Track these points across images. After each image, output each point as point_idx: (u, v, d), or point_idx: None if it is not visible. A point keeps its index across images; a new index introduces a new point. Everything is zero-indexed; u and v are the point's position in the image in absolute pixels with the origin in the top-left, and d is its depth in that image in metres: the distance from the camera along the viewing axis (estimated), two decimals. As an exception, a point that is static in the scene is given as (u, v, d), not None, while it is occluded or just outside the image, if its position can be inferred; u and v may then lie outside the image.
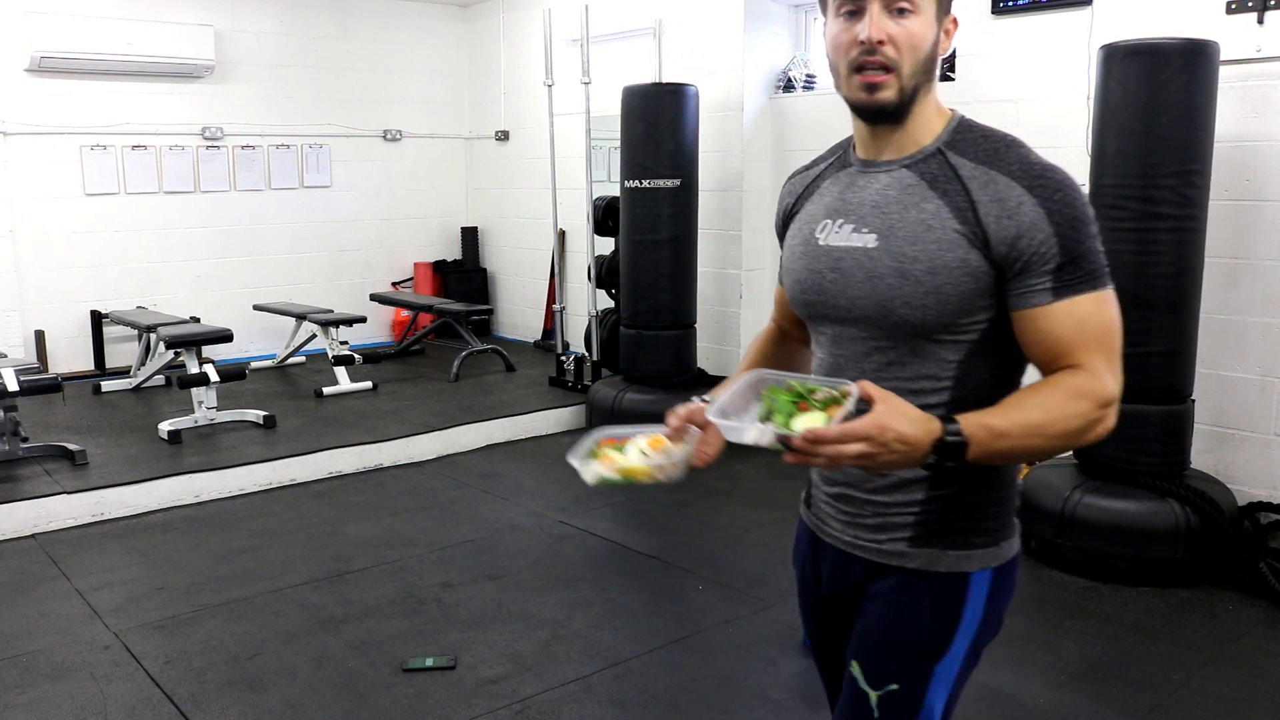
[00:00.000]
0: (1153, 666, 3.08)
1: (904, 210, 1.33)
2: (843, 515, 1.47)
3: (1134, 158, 3.62)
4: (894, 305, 1.31)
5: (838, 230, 1.40)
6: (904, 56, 1.30)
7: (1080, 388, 1.29)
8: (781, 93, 5.85)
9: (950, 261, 1.29)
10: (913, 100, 1.34)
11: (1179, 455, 3.75)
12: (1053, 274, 1.28)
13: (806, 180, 1.54)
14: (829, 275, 1.39)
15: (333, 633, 3.33)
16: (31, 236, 6.63)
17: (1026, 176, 1.29)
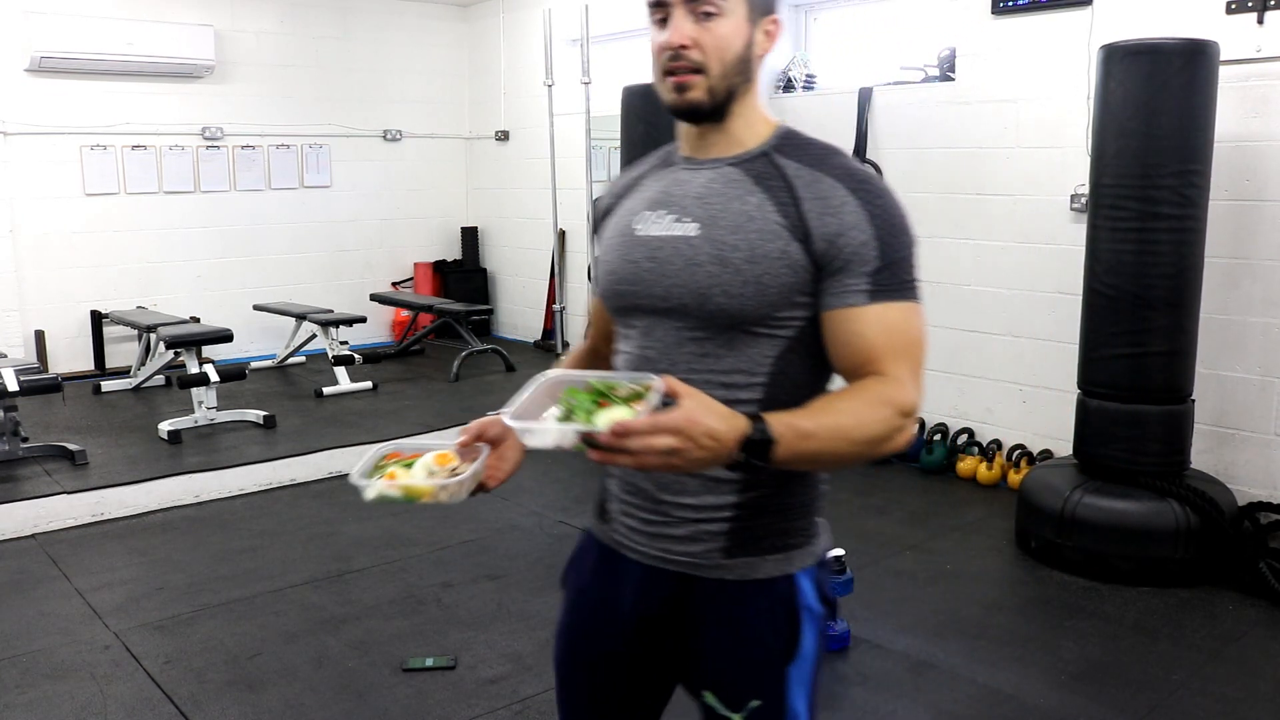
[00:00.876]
0: (1153, 666, 3.08)
1: (727, 202, 1.34)
2: (648, 525, 1.39)
3: (1134, 158, 3.62)
4: (712, 293, 1.30)
5: (657, 220, 1.38)
6: (710, 58, 1.31)
7: (885, 395, 1.25)
8: (781, 93, 5.85)
9: (770, 252, 1.29)
10: (729, 101, 1.35)
11: (1179, 455, 3.75)
12: (869, 276, 1.28)
13: (628, 181, 1.52)
14: (645, 264, 1.36)
15: (333, 633, 3.33)
16: (31, 236, 6.64)
17: (851, 180, 1.32)
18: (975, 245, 5.00)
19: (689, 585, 1.38)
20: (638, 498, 1.40)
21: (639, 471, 1.35)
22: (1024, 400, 4.89)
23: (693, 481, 1.35)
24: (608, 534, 1.47)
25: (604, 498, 1.50)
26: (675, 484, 1.36)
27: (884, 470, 5.09)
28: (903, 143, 5.23)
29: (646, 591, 1.42)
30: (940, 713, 2.83)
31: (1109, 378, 3.76)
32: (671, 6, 1.31)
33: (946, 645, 3.22)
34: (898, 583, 3.71)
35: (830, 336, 1.31)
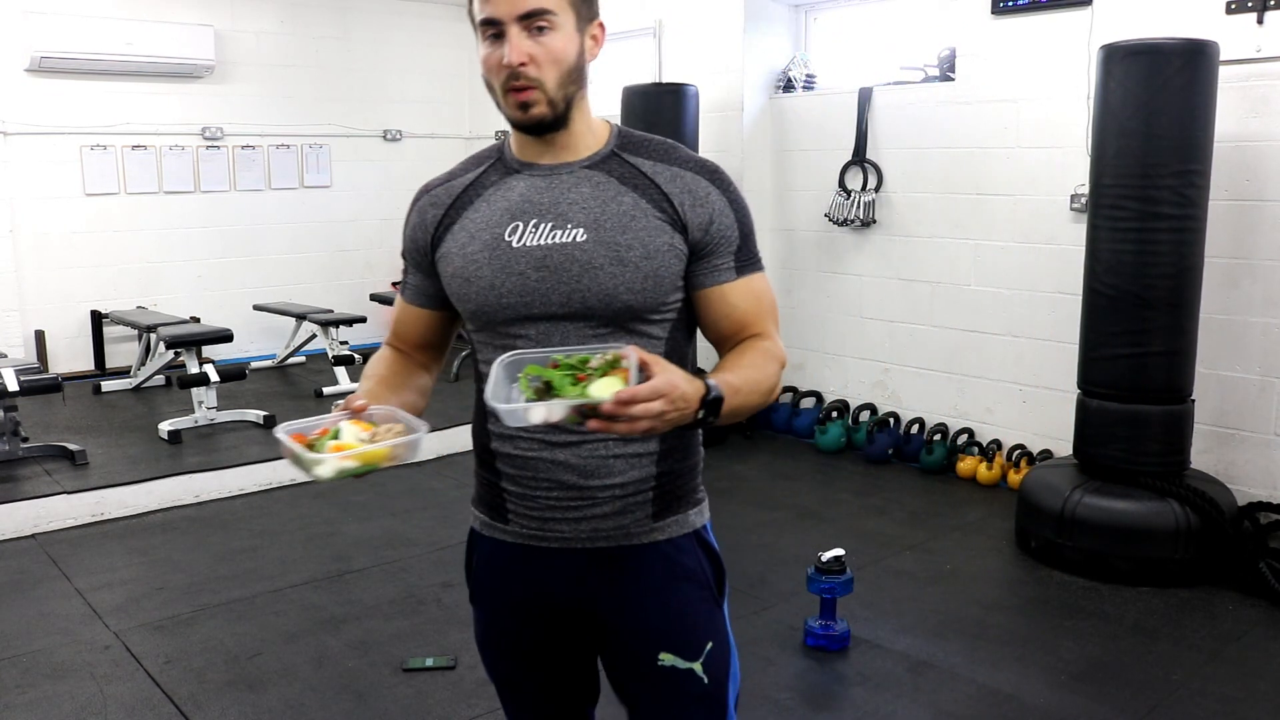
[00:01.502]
0: (1153, 666, 3.08)
1: (604, 204, 1.41)
2: (573, 511, 1.45)
3: (1134, 158, 3.62)
4: (618, 293, 1.38)
5: (533, 230, 1.41)
6: (546, 72, 1.36)
7: (769, 350, 1.44)
8: (781, 93, 5.85)
9: (661, 246, 1.40)
10: (569, 108, 1.40)
11: (1179, 455, 3.75)
12: (734, 255, 1.45)
13: (453, 191, 1.51)
14: (533, 275, 1.40)
15: (333, 633, 3.33)
16: (31, 236, 6.63)
17: (706, 171, 1.45)
18: (975, 245, 5.00)
19: (623, 557, 1.46)
20: (558, 490, 1.44)
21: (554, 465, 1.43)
22: (1024, 400, 4.89)
23: (617, 463, 1.43)
24: (515, 533, 1.50)
25: (496, 500, 1.52)
26: (601, 468, 1.43)
27: (884, 470, 5.09)
28: (903, 143, 5.23)
29: (579, 574, 1.47)
30: (940, 713, 2.83)
31: (1109, 378, 3.76)
32: (505, 24, 1.34)
33: (946, 645, 3.22)
34: (898, 583, 3.71)
35: (706, 310, 1.46)
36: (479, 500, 1.57)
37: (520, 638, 1.55)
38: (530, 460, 1.45)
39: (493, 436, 1.49)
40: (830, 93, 5.67)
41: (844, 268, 5.60)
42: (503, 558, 1.53)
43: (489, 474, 1.52)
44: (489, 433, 1.49)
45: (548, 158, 1.45)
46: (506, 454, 1.48)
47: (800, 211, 5.75)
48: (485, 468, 1.53)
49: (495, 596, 1.56)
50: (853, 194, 5.43)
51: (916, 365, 5.33)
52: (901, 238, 5.30)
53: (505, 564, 1.53)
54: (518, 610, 1.54)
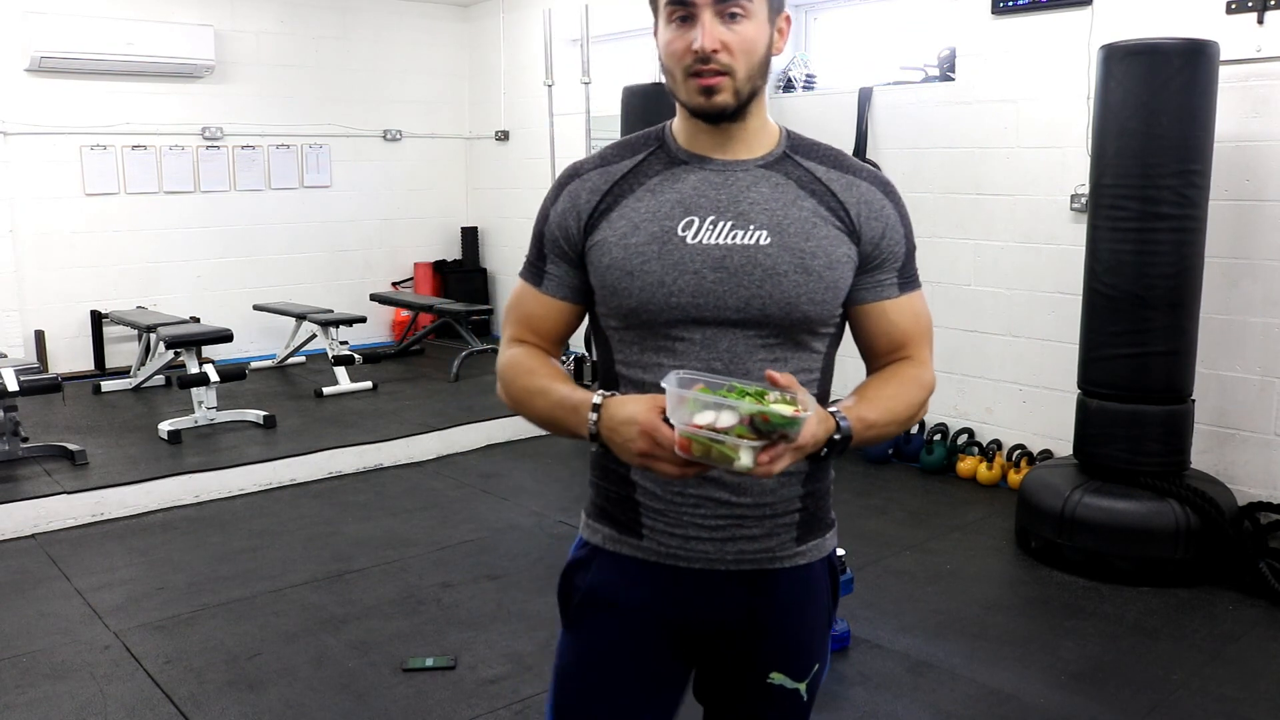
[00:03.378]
0: (1153, 666, 3.08)
1: (786, 208, 1.35)
2: (719, 531, 1.37)
3: (1134, 158, 3.62)
4: (799, 302, 1.32)
5: (712, 228, 1.33)
6: (739, 61, 1.29)
7: (919, 378, 1.40)
8: (781, 93, 5.85)
9: (840, 256, 1.35)
10: (750, 101, 1.33)
11: (1179, 455, 3.75)
12: (899, 271, 1.40)
13: (610, 176, 1.40)
14: (710, 276, 1.32)
15: (333, 633, 3.33)
16: (31, 236, 6.63)
17: (879, 183, 1.41)
18: (975, 245, 5.00)
19: (764, 580, 1.40)
20: (704, 506, 1.37)
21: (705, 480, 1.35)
22: (1024, 400, 4.89)
23: (768, 480, 1.35)
24: (651, 549, 1.40)
25: (627, 513, 1.42)
26: (754, 485, 1.36)
27: (884, 470, 5.08)
28: (903, 143, 5.23)
29: (717, 596, 1.40)
30: (940, 713, 2.83)
31: (1109, 378, 3.76)
32: (698, 7, 1.27)
33: (946, 645, 3.22)
34: (898, 583, 3.71)
35: (865, 326, 1.41)
36: (600, 514, 1.46)
37: (641, 661, 1.43)
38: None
39: None
40: (830, 93, 5.67)
41: (844, 268, 5.59)
42: (631, 576, 1.42)
43: (618, 486, 1.42)
44: None
45: (720, 152, 1.37)
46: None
47: (800, 211, 5.74)
48: (613, 479, 1.42)
49: (618, 617, 1.42)
50: (853, 194, 5.43)
51: (916, 365, 5.33)
52: (901, 238, 5.29)
53: (634, 583, 1.42)
54: (642, 633, 1.42)
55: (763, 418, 1.11)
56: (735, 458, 1.12)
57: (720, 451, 1.12)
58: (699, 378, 1.17)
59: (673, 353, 1.34)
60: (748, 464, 1.13)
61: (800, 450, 1.16)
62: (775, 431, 1.12)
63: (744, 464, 1.13)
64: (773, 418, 1.11)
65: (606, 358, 1.44)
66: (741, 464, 1.12)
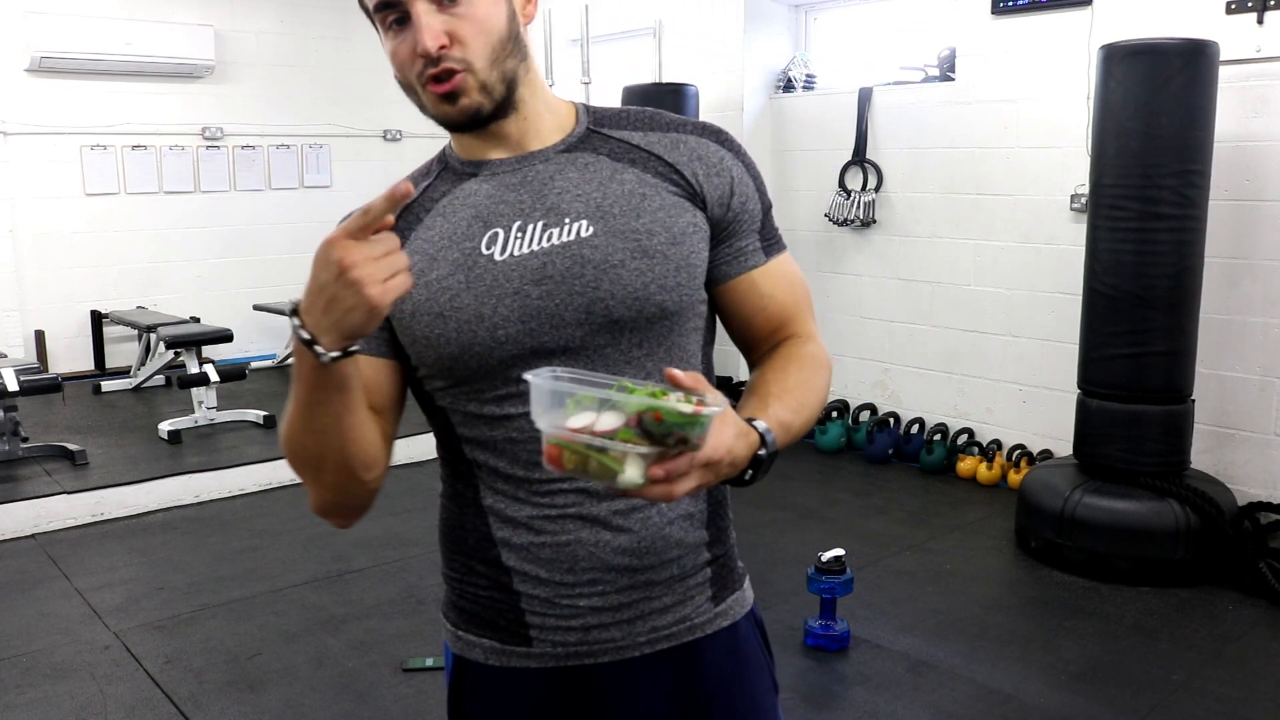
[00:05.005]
0: (1153, 666, 3.08)
1: (602, 187, 1.10)
2: (624, 611, 1.12)
3: (1134, 158, 3.62)
4: (649, 293, 1.07)
5: (519, 235, 1.09)
6: (474, 50, 1.05)
7: (817, 358, 1.18)
8: (781, 93, 5.85)
9: (685, 227, 1.10)
10: (512, 89, 1.09)
11: (1179, 455, 3.75)
12: (759, 233, 1.17)
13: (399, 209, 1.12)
14: (534, 292, 1.07)
15: (333, 633, 3.33)
16: (31, 236, 6.63)
17: (710, 132, 1.16)
18: (975, 245, 4.99)
19: (687, 656, 1.16)
20: (604, 583, 1.11)
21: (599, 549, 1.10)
22: (1024, 400, 4.89)
23: (673, 529, 1.13)
24: (545, 655, 1.14)
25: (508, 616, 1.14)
26: (658, 542, 1.12)
27: (884, 470, 5.08)
28: (903, 143, 5.23)
29: (644, 690, 1.15)
30: (940, 713, 2.83)
31: (1109, 378, 3.76)
32: (407, 3, 1.04)
33: (946, 645, 3.22)
34: (898, 583, 3.71)
35: (736, 306, 1.17)
36: (469, 619, 1.17)
37: None
38: (565, 546, 1.10)
39: (495, 522, 1.13)
40: (830, 93, 5.67)
41: (844, 268, 5.59)
42: (530, 693, 1.15)
43: (489, 577, 1.15)
44: (487, 516, 1.14)
45: (507, 150, 1.13)
46: (523, 546, 1.11)
47: (800, 212, 5.75)
48: (480, 570, 1.15)
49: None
50: (853, 194, 5.43)
51: (916, 365, 5.33)
52: (901, 238, 5.30)
53: (534, 702, 1.15)
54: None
55: (654, 416, 0.86)
56: (619, 469, 0.88)
57: (600, 463, 0.88)
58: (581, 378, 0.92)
59: (520, 398, 1.07)
60: (634, 478, 0.88)
61: (712, 468, 0.91)
62: (671, 434, 0.87)
63: (629, 478, 0.88)
64: (667, 415, 0.86)
65: (440, 421, 1.17)
66: (626, 478, 0.88)
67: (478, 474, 1.14)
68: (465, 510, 1.16)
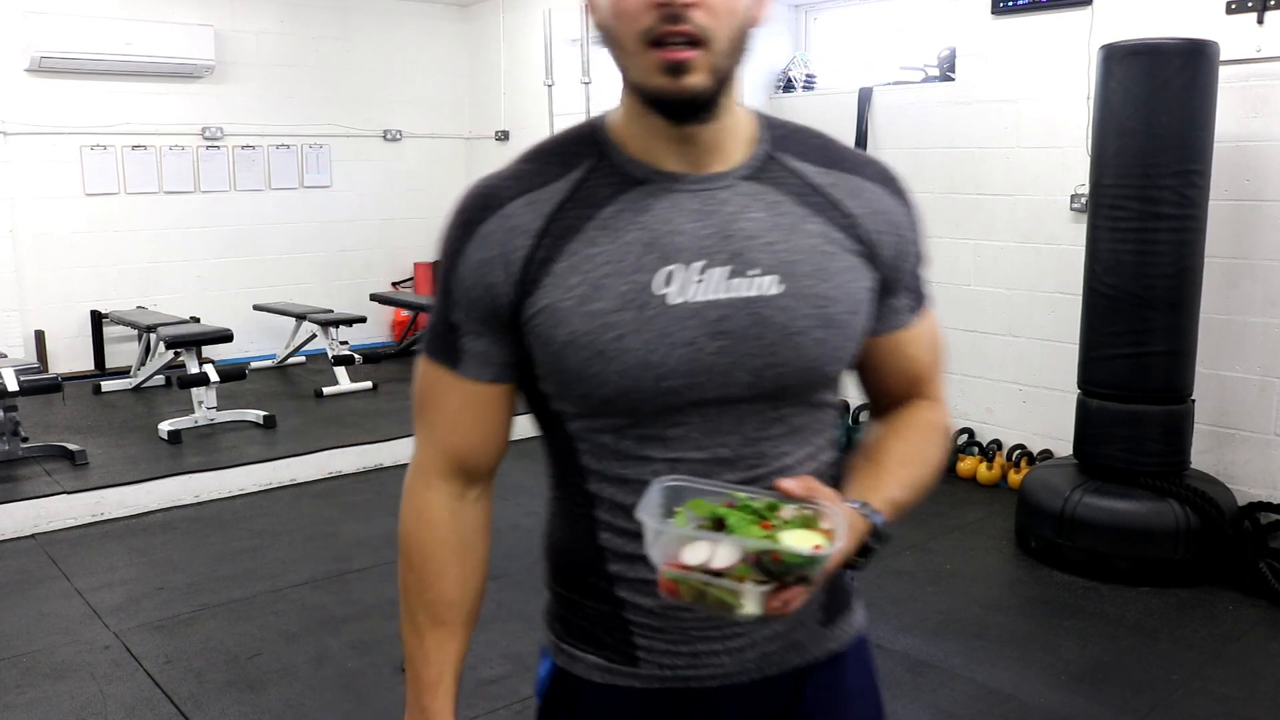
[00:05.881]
0: (1153, 666, 3.08)
1: (790, 236, 1.01)
2: (734, 639, 1.08)
3: (1134, 158, 3.62)
4: (823, 364, 1.02)
5: (699, 278, 0.98)
6: (720, 25, 0.93)
7: (938, 426, 1.14)
8: (781, 93, 5.85)
9: (861, 294, 1.04)
10: (727, 85, 0.99)
11: (1179, 455, 3.75)
12: (910, 290, 1.11)
13: (542, 209, 1.03)
14: (709, 346, 0.97)
15: (333, 633, 3.33)
16: (31, 236, 6.63)
17: (881, 177, 1.08)
18: (975, 245, 5.00)
19: (795, 683, 1.12)
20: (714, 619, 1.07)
21: None
22: (1024, 400, 4.89)
23: None
24: (651, 676, 1.09)
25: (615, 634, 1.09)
26: None
27: (884, 470, 5.08)
28: (903, 143, 5.23)
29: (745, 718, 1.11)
30: (940, 713, 2.83)
31: (1109, 378, 3.76)
32: None
33: (946, 645, 3.22)
34: (898, 583, 3.71)
35: (877, 364, 1.12)
36: (576, 634, 1.12)
37: None
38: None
39: (612, 558, 1.07)
40: (830, 93, 5.67)
41: (844, 268, 5.59)
42: (632, 713, 1.10)
43: (598, 599, 1.10)
44: (605, 552, 1.07)
45: (689, 162, 1.00)
46: (638, 579, 1.05)
47: (800, 211, 5.74)
48: (590, 593, 1.10)
49: None
50: (853, 194, 5.43)
51: (916, 365, 5.33)
52: (901, 238, 5.30)
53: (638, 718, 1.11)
54: None
55: (772, 557, 0.85)
56: (737, 605, 0.88)
57: (717, 597, 0.88)
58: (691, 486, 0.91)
59: (664, 442, 1.01)
60: (754, 611, 0.88)
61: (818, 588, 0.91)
62: (788, 574, 0.86)
63: (749, 612, 0.88)
64: (786, 558, 0.85)
65: (567, 462, 1.09)
66: (747, 612, 0.88)
67: (597, 506, 1.07)
68: (578, 537, 1.10)
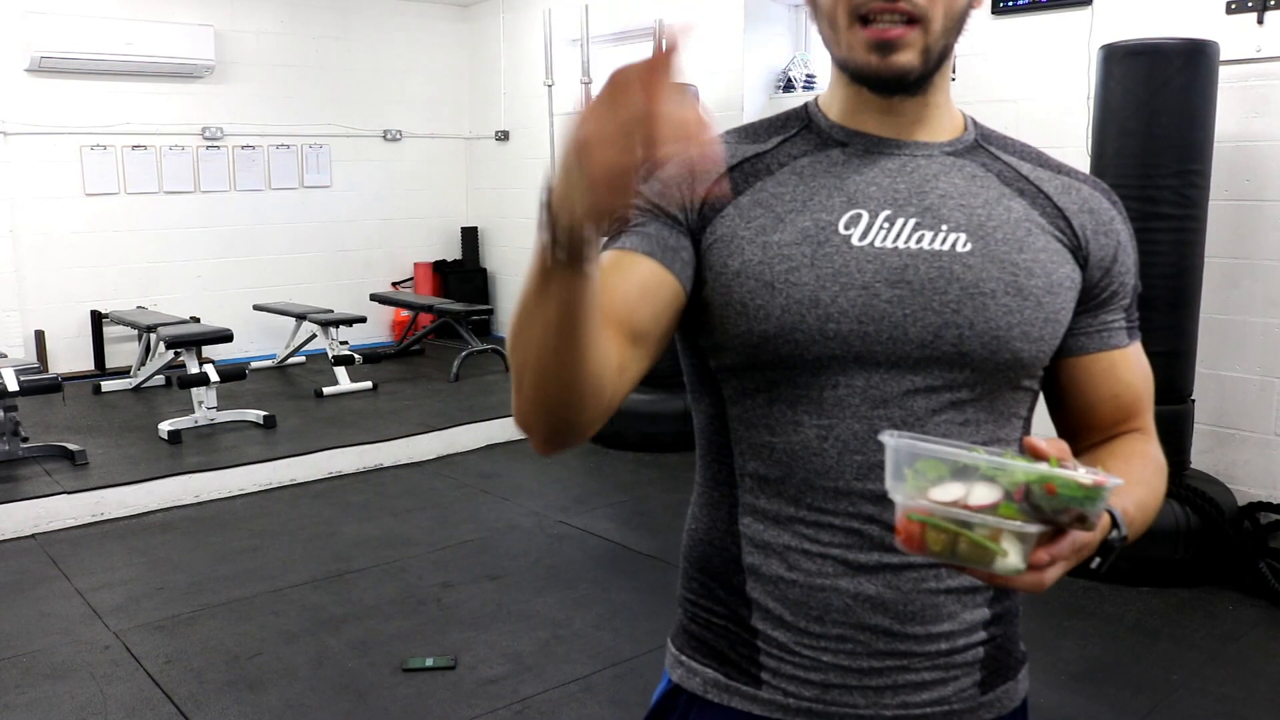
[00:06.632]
0: (1153, 666, 3.08)
1: (989, 207, 0.98)
2: (876, 676, 0.98)
3: (1134, 158, 3.62)
4: (1010, 336, 0.95)
5: (888, 226, 0.95)
6: (936, 6, 0.91)
7: (1159, 461, 1.04)
8: (781, 92, 5.85)
9: (1063, 279, 0.98)
10: (938, 66, 0.96)
11: (1179, 455, 3.75)
12: (1126, 311, 1.04)
13: (740, 152, 1.01)
14: (885, 293, 0.93)
15: (333, 633, 3.33)
16: (31, 236, 6.64)
17: (1101, 188, 1.05)
18: (975, 245, 4.99)
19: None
20: (854, 640, 0.97)
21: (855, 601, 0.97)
22: (1024, 400, 4.89)
23: (948, 601, 0.98)
24: (773, 703, 0.99)
25: (739, 647, 1.01)
26: (928, 609, 0.97)
27: (884, 470, 5.08)
28: (903, 143, 5.22)
29: None
30: (940, 713, 2.83)
31: (1109, 378, 3.76)
32: None
33: (946, 645, 3.21)
34: (898, 583, 3.71)
35: (1086, 385, 1.03)
36: (697, 646, 1.05)
37: None
38: (818, 591, 0.96)
39: (747, 545, 0.99)
40: (830, 93, 5.66)
41: (844, 268, 5.59)
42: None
43: (726, 605, 1.02)
44: (740, 537, 1.00)
45: (893, 131, 0.99)
46: (772, 578, 0.98)
47: (800, 211, 5.75)
48: (720, 595, 1.02)
49: None
50: (853, 194, 5.43)
51: (916, 365, 5.33)
52: (901, 238, 5.30)
53: None
54: None
55: (1047, 488, 0.74)
56: (998, 552, 0.75)
57: (973, 543, 0.76)
58: (922, 444, 0.79)
59: (820, 406, 0.95)
60: (1017, 564, 0.76)
61: (1082, 551, 0.81)
62: (1066, 511, 0.75)
63: (1011, 564, 0.76)
64: (1062, 487, 0.74)
65: (713, 412, 1.02)
66: (1008, 564, 0.76)
67: (740, 485, 1.00)
68: (716, 524, 1.03)
